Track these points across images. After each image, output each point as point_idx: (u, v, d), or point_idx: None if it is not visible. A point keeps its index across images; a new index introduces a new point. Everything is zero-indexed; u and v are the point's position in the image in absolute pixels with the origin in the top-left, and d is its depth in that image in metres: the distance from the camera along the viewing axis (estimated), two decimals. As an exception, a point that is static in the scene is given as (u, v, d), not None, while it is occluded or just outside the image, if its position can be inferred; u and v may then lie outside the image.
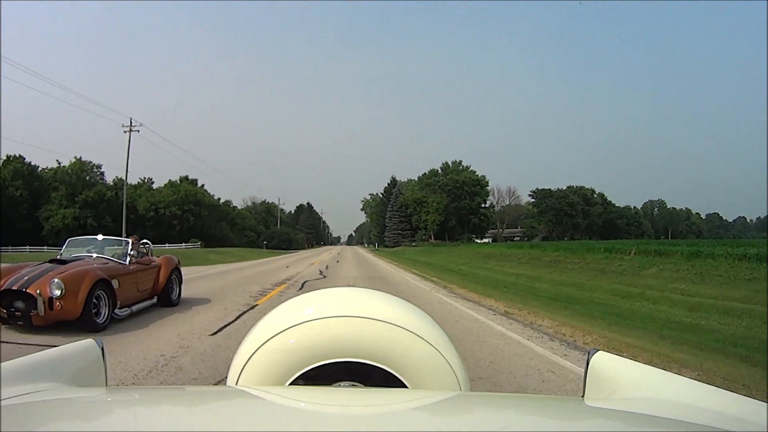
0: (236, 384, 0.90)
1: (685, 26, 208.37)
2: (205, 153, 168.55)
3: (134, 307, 6.75)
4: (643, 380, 0.83)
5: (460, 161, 73.28)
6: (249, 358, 0.91)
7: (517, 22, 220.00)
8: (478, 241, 64.02)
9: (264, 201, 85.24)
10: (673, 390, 0.78)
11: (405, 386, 0.90)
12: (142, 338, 5.44)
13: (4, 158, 45.32)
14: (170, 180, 54.19)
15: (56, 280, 5.46)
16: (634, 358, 4.10)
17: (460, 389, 0.92)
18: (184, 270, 8.83)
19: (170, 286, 7.84)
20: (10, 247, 38.34)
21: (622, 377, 0.85)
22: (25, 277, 5.65)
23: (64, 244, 7.43)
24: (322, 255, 35.85)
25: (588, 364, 0.90)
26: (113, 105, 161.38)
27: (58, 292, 5.39)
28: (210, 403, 0.78)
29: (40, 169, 47.93)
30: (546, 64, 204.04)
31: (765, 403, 0.69)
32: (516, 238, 69.63)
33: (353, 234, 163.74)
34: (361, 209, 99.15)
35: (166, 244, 41.42)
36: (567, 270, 18.37)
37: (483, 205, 69.28)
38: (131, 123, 32.68)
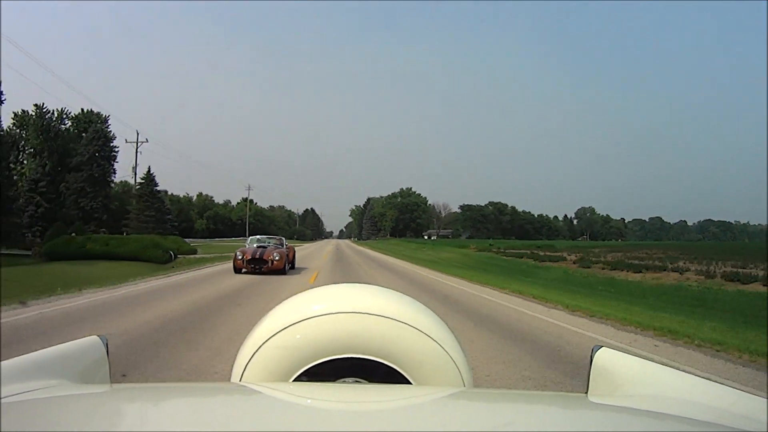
0: (240, 380, 0.91)
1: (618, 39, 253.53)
2: (226, 162, 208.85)
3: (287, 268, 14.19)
4: (647, 377, 0.83)
5: (410, 187, 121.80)
6: (253, 355, 0.92)
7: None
8: (425, 237, 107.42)
9: (282, 206, 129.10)
10: (677, 386, 0.78)
11: (409, 383, 0.90)
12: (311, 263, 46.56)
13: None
14: (240, 201, 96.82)
15: (275, 253, 13.08)
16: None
17: (464, 386, 0.93)
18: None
19: (294, 259, 16.02)
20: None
21: (625, 373, 0.86)
22: (258, 253, 13.06)
23: (248, 238, 16.09)
24: (330, 242, 78.51)
25: (592, 360, 0.90)
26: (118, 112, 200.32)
27: (277, 258, 12.90)
28: (214, 400, 0.79)
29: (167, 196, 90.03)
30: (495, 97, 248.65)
31: None
32: (449, 237, 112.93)
33: (343, 230, 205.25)
34: (349, 215, 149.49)
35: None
36: (427, 248, 60.90)
37: (418, 219, 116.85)
38: (249, 187, 75.08)
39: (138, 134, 42.34)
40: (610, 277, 22.04)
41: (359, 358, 0.90)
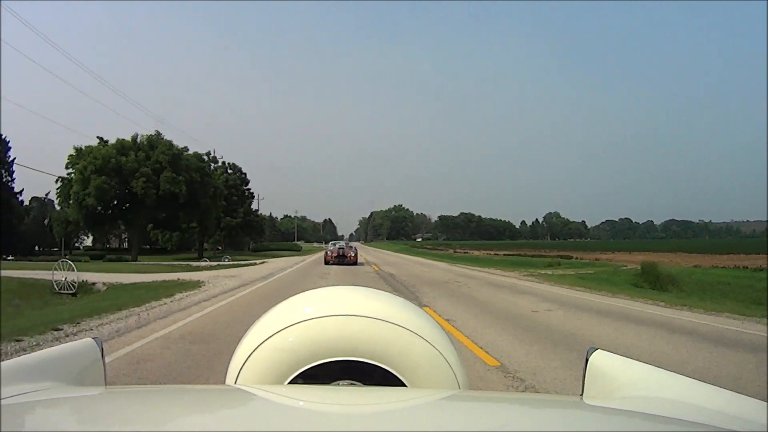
0: (235, 383, 0.92)
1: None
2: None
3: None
4: (643, 379, 0.84)
5: (401, 204, 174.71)
6: (248, 357, 0.93)
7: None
8: (414, 239, 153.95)
9: (304, 216, 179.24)
10: (672, 388, 0.79)
11: (404, 385, 0.91)
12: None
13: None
14: (284, 216, 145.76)
15: (351, 252, 25.16)
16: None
17: (459, 388, 0.94)
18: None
19: (357, 255, 25.71)
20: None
21: (621, 376, 0.86)
22: (341, 252, 24.83)
23: (329, 242, 34.78)
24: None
25: (587, 362, 0.91)
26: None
27: (353, 254, 25.06)
28: (209, 402, 0.80)
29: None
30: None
31: (765, 403, 0.70)
32: (430, 239, 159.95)
33: (353, 234, 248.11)
34: (358, 224, 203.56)
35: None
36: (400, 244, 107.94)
37: (405, 227, 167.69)
38: (296, 211, 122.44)
39: (258, 195, 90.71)
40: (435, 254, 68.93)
41: (354, 361, 0.91)
